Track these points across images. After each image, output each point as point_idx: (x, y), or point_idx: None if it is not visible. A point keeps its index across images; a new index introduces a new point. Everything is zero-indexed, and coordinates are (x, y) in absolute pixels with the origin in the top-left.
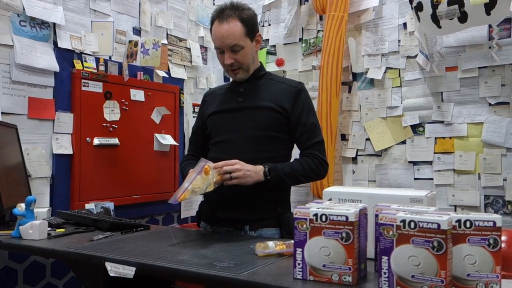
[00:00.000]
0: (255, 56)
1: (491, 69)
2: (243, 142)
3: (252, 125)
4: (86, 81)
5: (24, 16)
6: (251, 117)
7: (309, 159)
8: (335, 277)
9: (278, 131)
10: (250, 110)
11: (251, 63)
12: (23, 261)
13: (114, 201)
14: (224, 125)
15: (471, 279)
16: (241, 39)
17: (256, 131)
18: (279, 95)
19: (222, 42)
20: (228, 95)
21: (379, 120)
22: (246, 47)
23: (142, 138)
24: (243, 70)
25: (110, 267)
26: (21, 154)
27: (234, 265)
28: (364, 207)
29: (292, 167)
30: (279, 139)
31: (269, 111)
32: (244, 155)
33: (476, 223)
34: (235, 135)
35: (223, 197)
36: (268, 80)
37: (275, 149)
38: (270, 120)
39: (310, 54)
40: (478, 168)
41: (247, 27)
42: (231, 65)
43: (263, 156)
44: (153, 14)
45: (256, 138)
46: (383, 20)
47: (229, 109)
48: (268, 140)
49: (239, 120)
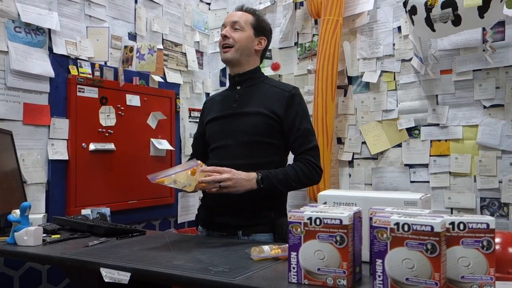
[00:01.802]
0: (252, 51)
1: (485, 71)
2: (237, 148)
3: (245, 131)
4: (82, 87)
5: (19, 22)
6: (244, 123)
7: (302, 165)
8: (330, 280)
9: (271, 137)
10: (242, 116)
11: (243, 51)
12: (18, 267)
13: (110, 206)
14: (220, 131)
15: (465, 281)
16: (246, 23)
17: (249, 137)
18: (272, 100)
19: (229, 18)
20: (225, 101)
21: (375, 124)
22: (246, 32)
23: (138, 143)
24: (234, 50)
25: (105, 272)
26: (17, 160)
27: (229, 270)
28: (359, 210)
29: (286, 173)
30: (272, 144)
31: (260, 116)
32: (238, 161)
33: (470, 225)
34: (229, 140)
35: (219, 202)
36: (263, 84)
37: (268, 155)
38: (261, 126)
39: (306, 58)
40: (474, 171)
41: (256, 22)
42: (224, 38)
43: (257, 161)
44: (148, 19)
45: (249, 144)
46: (378, 24)
47: (224, 116)
48: (260, 146)
49: (233, 126)
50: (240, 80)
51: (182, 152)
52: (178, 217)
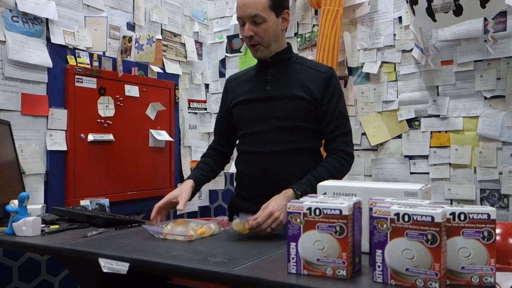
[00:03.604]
0: (280, 35)
1: (486, 62)
2: (274, 133)
3: (283, 116)
4: (80, 77)
5: (16, 11)
6: (281, 107)
7: (333, 160)
8: (329, 271)
9: (309, 121)
10: (279, 100)
11: (273, 41)
12: (18, 258)
13: (110, 197)
14: (253, 116)
15: (465, 272)
16: (264, 11)
17: (287, 122)
18: (309, 82)
19: (243, 11)
20: (255, 83)
21: (375, 115)
22: (269, 21)
23: (137, 134)
24: (263, 46)
25: (104, 263)
26: (15, 151)
27: (228, 260)
28: (358, 201)
29: (320, 177)
30: (310, 129)
31: (299, 100)
32: (277, 147)
33: (471, 215)
34: (265, 126)
35: (252, 193)
36: (296, 65)
37: (308, 140)
38: (300, 110)
39: (306, 48)
40: (474, 162)
41: (273, 1)
42: (250, 39)
43: (296, 147)
44: (147, 9)
45: (288, 129)
46: (379, 14)
47: (256, 99)
48: (300, 131)
49: (269, 111)
50: (273, 62)
51: (181, 143)
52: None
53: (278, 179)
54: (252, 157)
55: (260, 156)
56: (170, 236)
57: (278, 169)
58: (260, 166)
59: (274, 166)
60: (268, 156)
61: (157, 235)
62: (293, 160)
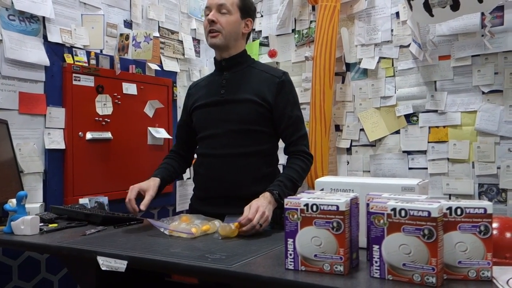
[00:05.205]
0: (239, 36)
1: (484, 57)
2: (227, 137)
3: (236, 119)
4: (77, 75)
5: (12, 10)
6: (234, 110)
7: (299, 161)
8: (327, 267)
9: (262, 125)
10: (232, 104)
11: (232, 37)
12: (17, 257)
13: (108, 195)
14: (208, 119)
15: (462, 267)
16: (232, 5)
17: (240, 125)
18: (262, 86)
19: (213, 0)
20: (211, 87)
21: (373, 110)
22: (233, 15)
23: (135, 132)
24: (222, 35)
25: (102, 261)
26: (13, 150)
27: (226, 257)
28: (356, 196)
29: (291, 178)
30: (263, 132)
31: (251, 104)
32: (229, 150)
33: (467, 210)
34: (219, 129)
35: (208, 194)
36: (251, 69)
37: (259, 143)
38: (253, 114)
39: (303, 45)
40: (472, 157)
41: (242, 3)
42: (211, 23)
43: (248, 150)
44: (144, 7)
45: (240, 133)
46: (376, 10)
47: (212, 103)
48: (252, 134)
49: (223, 114)
50: (228, 65)
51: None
52: (176, 206)
53: (232, 181)
54: (208, 160)
55: (215, 158)
56: (176, 233)
57: (231, 171)
58: (215, 168)
59: (228, 168)
60: (222, 159)
61: (164, 229)
62: (247, 163)
